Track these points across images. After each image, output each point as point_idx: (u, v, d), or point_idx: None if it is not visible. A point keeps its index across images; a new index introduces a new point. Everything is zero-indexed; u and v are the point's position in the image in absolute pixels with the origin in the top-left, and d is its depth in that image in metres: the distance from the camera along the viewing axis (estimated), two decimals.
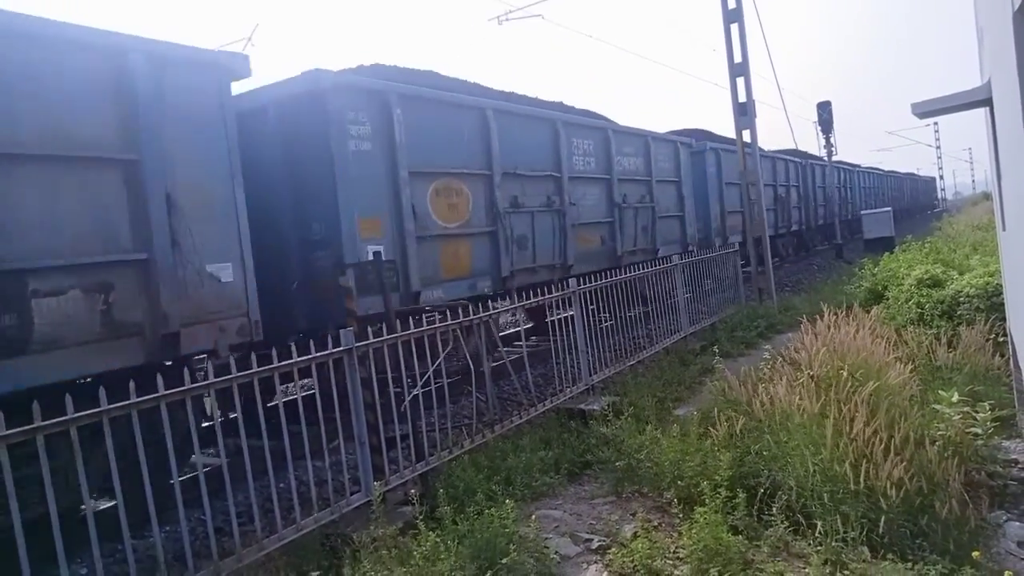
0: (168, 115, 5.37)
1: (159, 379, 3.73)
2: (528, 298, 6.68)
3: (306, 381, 7.33)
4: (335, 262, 6.90)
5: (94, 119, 4.98)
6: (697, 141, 16.69)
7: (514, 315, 7.93)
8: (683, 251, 13.28)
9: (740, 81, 13.18)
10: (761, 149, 19.20)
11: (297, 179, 7.24)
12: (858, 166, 40.02)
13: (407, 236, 7.62)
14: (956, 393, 4.93)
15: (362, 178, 7.20)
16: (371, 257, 7.00)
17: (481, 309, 6.36)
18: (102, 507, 5.30)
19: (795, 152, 25.90)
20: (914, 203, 57.04)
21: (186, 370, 3.89)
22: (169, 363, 5.33)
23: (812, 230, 27.32)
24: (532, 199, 9.95)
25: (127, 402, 3.53)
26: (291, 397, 8.14)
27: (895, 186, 49.52)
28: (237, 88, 6.20)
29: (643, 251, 12.91)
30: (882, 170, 47.84)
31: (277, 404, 4.40)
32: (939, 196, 71.84)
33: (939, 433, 4.59)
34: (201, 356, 5.60)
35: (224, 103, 5.87)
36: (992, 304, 7.74)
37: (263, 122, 7.24)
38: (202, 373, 5.27)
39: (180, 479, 3.84)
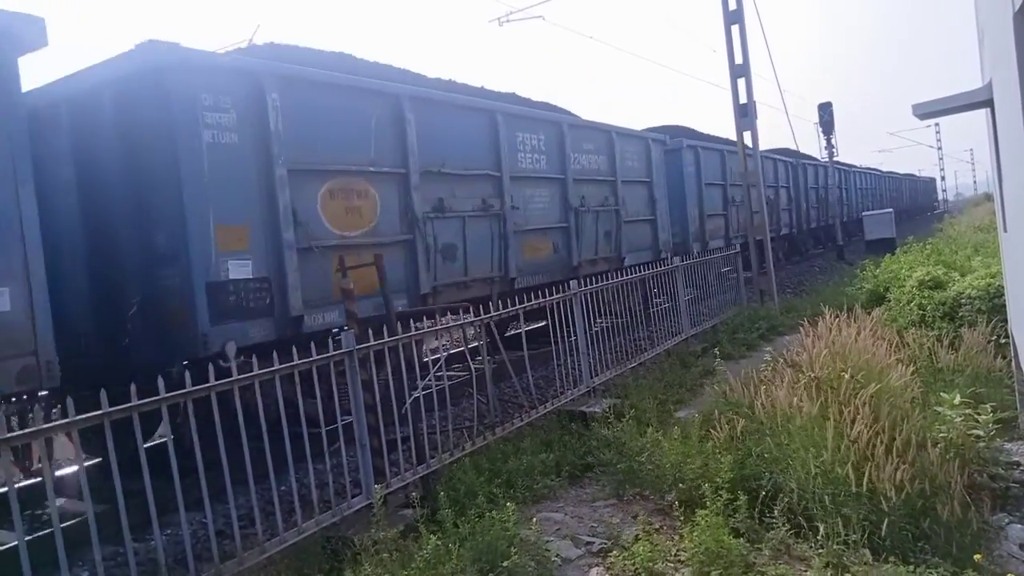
0: None
1: (160, 382, 3.73)
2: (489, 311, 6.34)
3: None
4: (182, 281, 5.65)
5: None
6: (673, 138, 15.37)
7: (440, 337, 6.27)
8: (655, 259, 12.41)
9: (741, 82, 13.19)
10: (747, 147, 18.95)
11: (137, 179, 5.90)
12: (854, 166, 38.87)
13: (285, 248, 6.22)
14: (958, 395, 4.92)
15: (221, 176, 5.85)
16: (232, 275, 5.84)
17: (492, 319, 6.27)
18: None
19: (786, 151, 25.03)
20: (913, 204, 56.13)
21: (186, 373, 3.89)
22: None
23: (804, 233, 26.33)
24: (463, 202, 8.53)
25: (128, 405, 3.53)
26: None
27: (893, 187, 48.53)
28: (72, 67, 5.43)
29: (605, 260, 11.51)
30: (880, 171, 46.83)
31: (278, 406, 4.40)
32: (940, 197, 71.62)
33: (941, 435, 4.58)
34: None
35: (8, 87, 4.69)
36: (994, 306, 7.73)
37: (97, 108, 5.99)
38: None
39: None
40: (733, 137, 14.24)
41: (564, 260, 10.58)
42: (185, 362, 5.27)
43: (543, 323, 6.94)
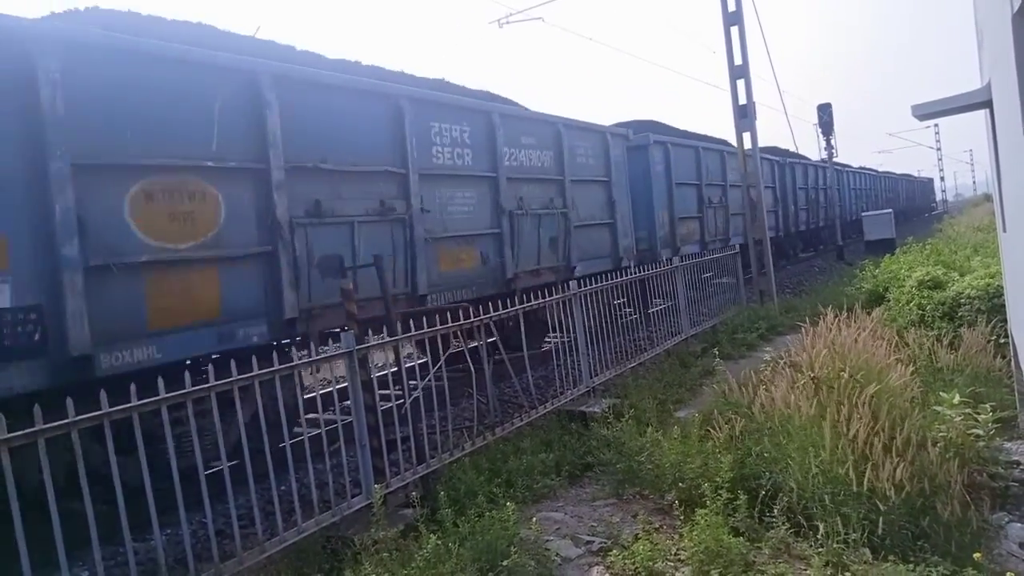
0: None
1: (160, 382, 3.74)
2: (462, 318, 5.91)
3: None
4: None
5: None
6: (639, 132, 14.07)
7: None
8: (614, 267, 11.49)
9: (740, 83, 13.20)
10: (727, 143, 18.19)
11: None
12: (848, 166, 37.77)
13: (65, 266, 4.83)
14: (957, 395, 4.93)
15: None
16: None
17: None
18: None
19: (774, 150, 24.18)
20: (910, 205, 55.60)
21: (187, 372, 3.89)
22: None
23: (792, 236, 25.02)
24: (353, 204, 7.14)
25: (127, 405, 3.54)
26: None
27: (889, 187, 47.51)
28: None
29: (550, 270, 10.25)
30: (876, 170, 45.83)
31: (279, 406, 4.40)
32: (938, 198, 71.97)
33: (940, 435, 4.59)
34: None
35: None
36: (993, 305, 7.74)
37: None
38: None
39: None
40: (719, 136, 14.13)
41: (496, 271, 9.21)
42: None
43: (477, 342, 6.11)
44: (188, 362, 5.55)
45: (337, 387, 4.86)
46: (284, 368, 4.33)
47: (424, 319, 5.46)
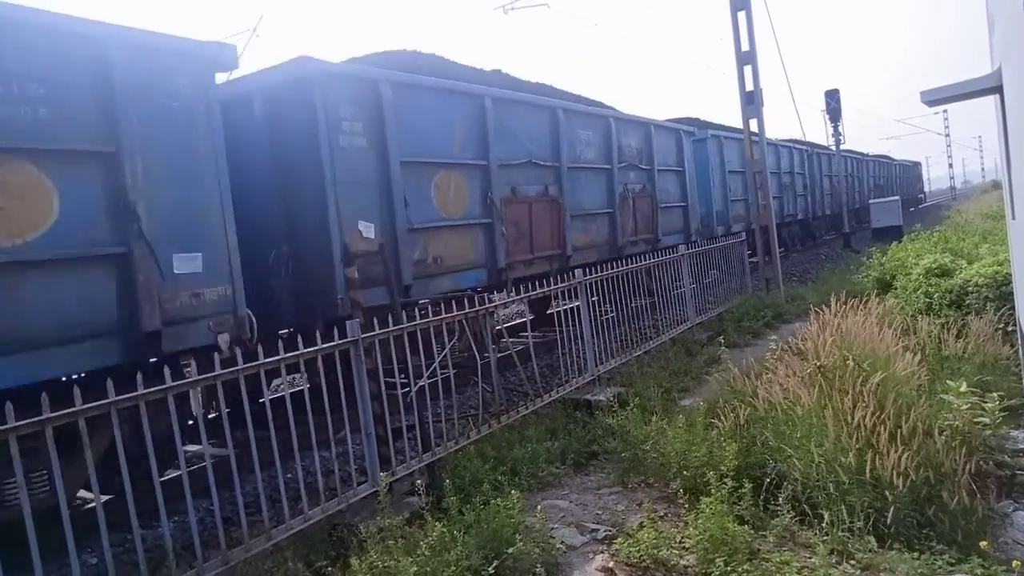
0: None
1: (166, 370, 3.75)
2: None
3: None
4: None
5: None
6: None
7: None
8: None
9: (747, 69, 13.09)
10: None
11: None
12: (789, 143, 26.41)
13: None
14: (964, 383, 4.91)
15: None
16: None
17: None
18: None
19: (797, 141, 24.24)
20: (885, 196, 37.76)
21: (194, 364, 3.91)
22: None
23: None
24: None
25: (135, 393, 3.55)
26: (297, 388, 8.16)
27: (834, 170, 30.26)
28: None
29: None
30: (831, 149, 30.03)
31: (284, 395, 4.42)
32: (943, 186, 68.07)
33: (947, 423, 4.58)
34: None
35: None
36: (1001, 293, 7.70)
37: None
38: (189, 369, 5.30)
39: (189, 470, 3.85)
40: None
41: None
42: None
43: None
44: None
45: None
46: (289, 357, 4.34)
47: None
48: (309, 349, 4.46)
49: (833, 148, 27.79)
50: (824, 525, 3.96)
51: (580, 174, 10.96)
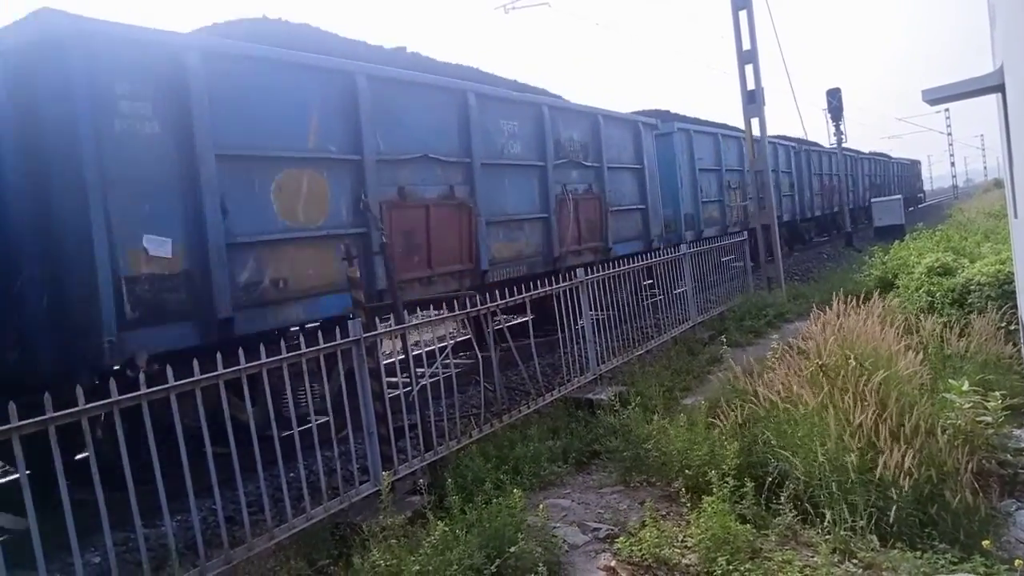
0: None
1: (168, 370, 3.76)
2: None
3: None
4: None
5: None
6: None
7: None
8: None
9: (748, 68, 13.08)
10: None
11: None
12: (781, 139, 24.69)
13: None
14: (967, 382, 4.90)
15: None
16: None
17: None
18: None
19: (784, 137, 22.77)
20: (879, 195, 36.81)
21: (195, 362, 3.91)
22: None
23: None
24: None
25: (137, 393, 3.56)
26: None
27: (833, 168, 29.20)
28: None
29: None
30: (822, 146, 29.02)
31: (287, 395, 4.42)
32: (946, 184, 67.48)
33: (949, 422, 4.57)
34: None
35: None
36: (1003, 292, 7.69)
37: None
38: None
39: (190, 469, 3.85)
40: (729, 122, 13.76)
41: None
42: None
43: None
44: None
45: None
46: (291, 356, 4.34)
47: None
48: (310, 349, 4.46)
49: (824, 145, 27.21)
50: (826, 524, 3.96)
51: (501, 172, 9.17)
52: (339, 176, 6.87)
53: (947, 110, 60.29)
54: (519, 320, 7.44)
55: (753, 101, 13.14)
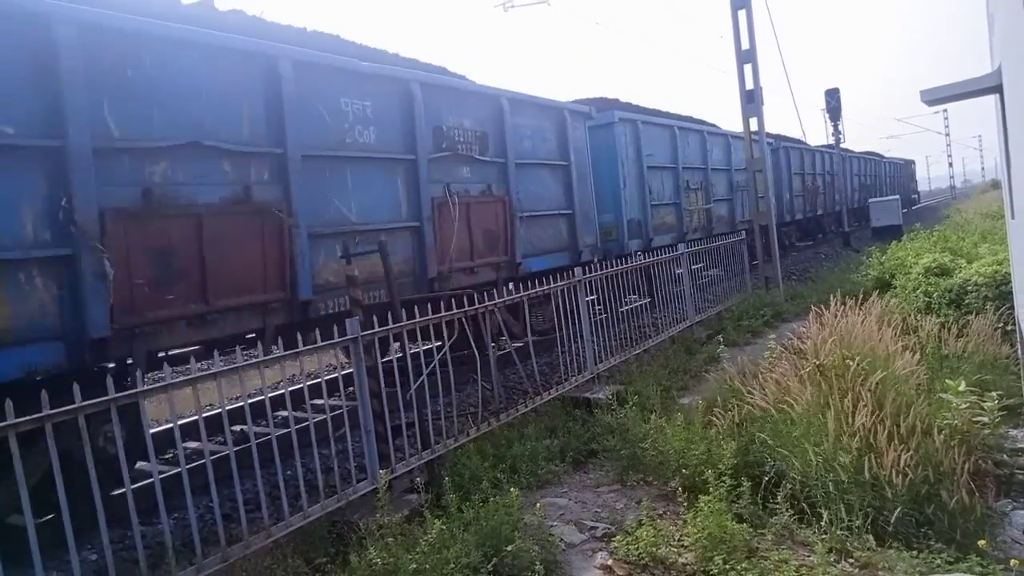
0: None
1: (165, 367, 3.75)
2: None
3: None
4: None
5: None
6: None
7: None
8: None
9: (747, 68, 13.08)
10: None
11: None
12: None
13: None
14: (963, 382, 4.91)
15: None
16: None
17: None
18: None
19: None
20: (872, 197, 35.20)
21: (194, 358, 3.91)
22: None
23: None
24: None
25: (135, 391, 3.56)
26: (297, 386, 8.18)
27: (817, 168, 27.32)
28: None
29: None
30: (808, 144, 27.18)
31: (283, 393, 4.42)
32: (943, 185, 67.00)
33: (946, 422, 4.58)
34: None
35: None
36: (1000, 293, 7.71)
37: None
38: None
39: (188, 467, 3.85)
40: (720, 122, 13.28)
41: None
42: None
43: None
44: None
45: (342, 373, 4.87)
46: (289, 354, 4.34)
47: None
48: (306, 347, 4.46)
49: (808, 143, 25.46)
50: (823, 523, 3.97)
51: (339, 167, 7.00)
52: (22, 173, 4.69)
53: (945, 111, 60.44)
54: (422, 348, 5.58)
55: (752, 101, 13.14)
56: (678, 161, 15.00)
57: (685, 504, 4.36)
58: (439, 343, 5.61)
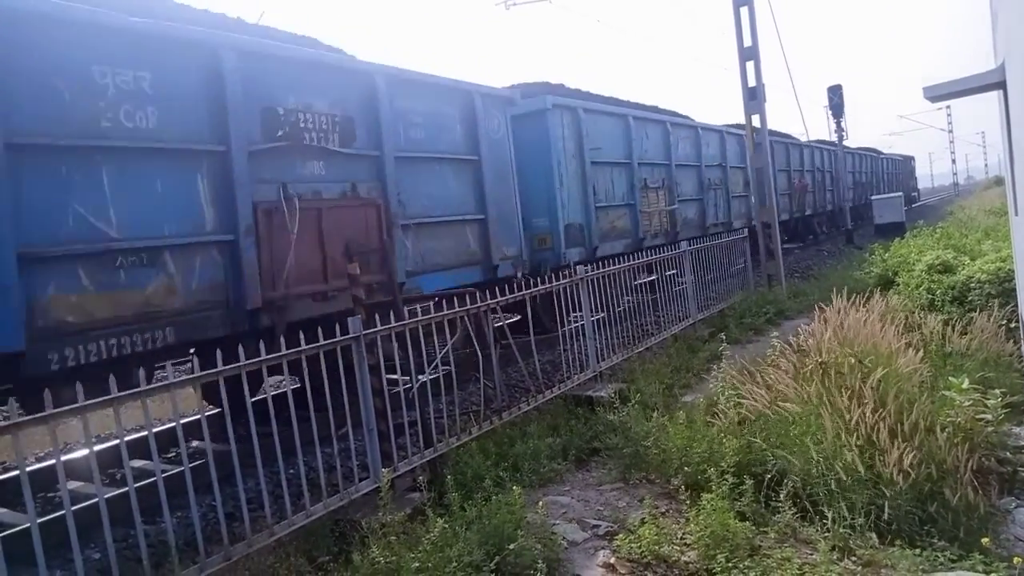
0: None
1: (167, 366, 3.75)
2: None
3: None
4: None
5: None
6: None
7: None
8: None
9: (750, 65, 13.06)
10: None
11: None
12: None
13: None
14: (967, 379, 4.90)
15: None
16: None
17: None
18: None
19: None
20: (869, 195, 34.28)
21: (195, 357, 3.91)
22: None
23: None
24: None
25: (141, 387, 3.56)
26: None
27: (806, 164, 25.20)
28: None
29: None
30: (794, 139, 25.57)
31: (285, 392, 4.42)
32: (945, 182, 65.80)
33: (949, 420, 4.57)
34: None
35: None
36: (1004, 289, 7.69)
37: None
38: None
39: (191, 465, 3.86)
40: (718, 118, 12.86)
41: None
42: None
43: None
44: None
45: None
46: (291, 353, 4.34)
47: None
48: (311, 346, 4.46)
49: (803, 140, 24.41)
50: (825, 522, 3.96)
51: (89, 162, 5.03)
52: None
53: (948, 107, 60.27)
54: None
55: (754, 98, 13.12)
56: (633, 156, 12.95)
57: (687, 502, 4.36)
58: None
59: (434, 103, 8.31)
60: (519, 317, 6.56)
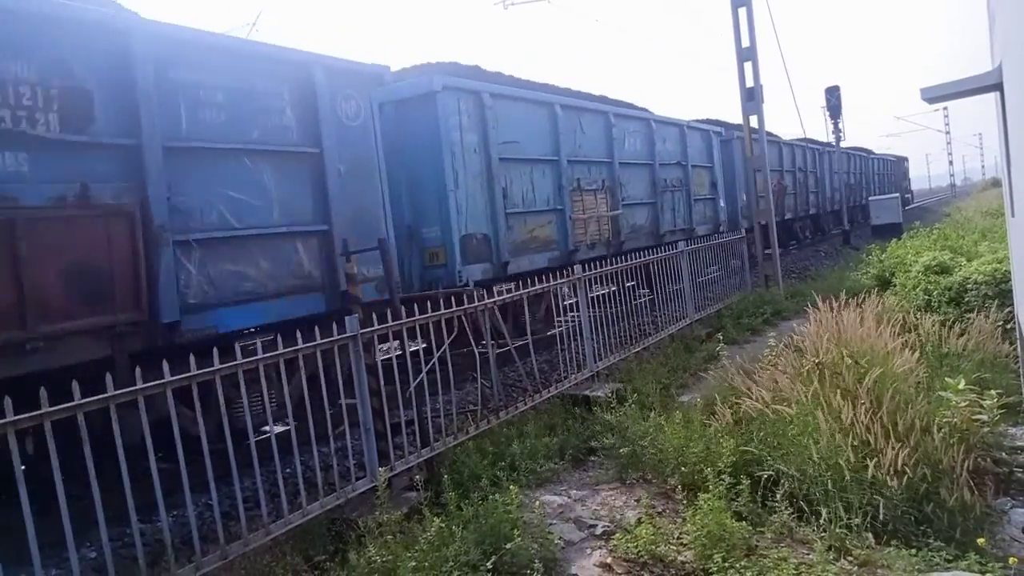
0: None
1: (164, 364, 3.75)
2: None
3: None
4: None
5: None
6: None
7: None
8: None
9: (747, 66, 13.07)
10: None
11: None
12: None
13: None
14: (963, 380, 4.91)
15: None
16: None
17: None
18: None
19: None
20: (861, 197, 34.06)
21: (192, 357, 3.90)
22: None
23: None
24: None
25: (133, 388, 3.55)
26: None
27: (786, 164, 23.04)
28: None
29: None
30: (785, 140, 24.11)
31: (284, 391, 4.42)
32: (943, 183, 64.90)
33: (945, 420, 4.58)
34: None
35: None
36: (1000, 291, 7.71)
37: None
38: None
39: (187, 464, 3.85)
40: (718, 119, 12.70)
41: None
42: None
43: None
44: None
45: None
46: (288, 352, 4.34)
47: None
48: (307, 344, 4.46)
49: (796, 140, 23.70)
50: (822, 522, 3.97)
51: None
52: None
53: (945, 108, 60.41)
54: None
55: (752, 98, 13.14)
56: (561, 152, 10.80)
57: (684, 502, 4.36)
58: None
59: (245, 77, 6.25)
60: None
